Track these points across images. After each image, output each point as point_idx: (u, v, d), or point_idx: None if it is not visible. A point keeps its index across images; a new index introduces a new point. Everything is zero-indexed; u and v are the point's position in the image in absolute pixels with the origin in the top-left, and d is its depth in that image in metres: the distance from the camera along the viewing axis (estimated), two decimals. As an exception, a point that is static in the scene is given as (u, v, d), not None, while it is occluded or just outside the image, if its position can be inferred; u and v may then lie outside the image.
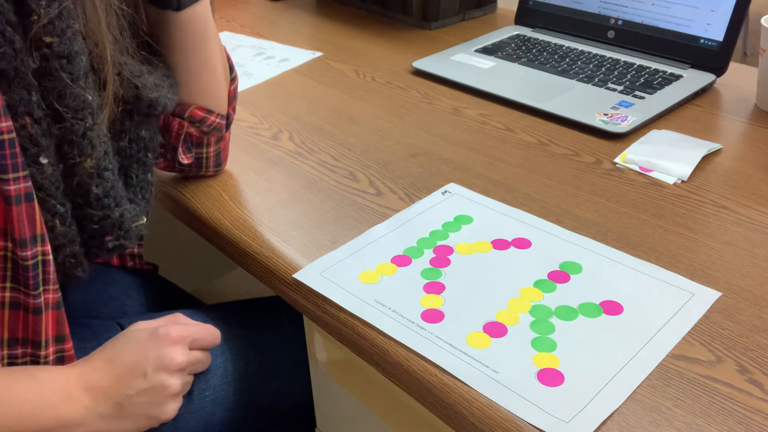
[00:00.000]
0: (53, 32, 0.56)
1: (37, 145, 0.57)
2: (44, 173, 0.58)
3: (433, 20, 1.26)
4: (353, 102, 1.00)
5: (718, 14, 0.98)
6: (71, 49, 0.57)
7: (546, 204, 0.75)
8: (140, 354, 0.63)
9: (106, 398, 0.61)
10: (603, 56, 1.07)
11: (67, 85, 0.57)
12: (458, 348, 0.57)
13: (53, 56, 0.56)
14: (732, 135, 0.88)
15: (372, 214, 0.75)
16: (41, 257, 0.58)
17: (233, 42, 1.25)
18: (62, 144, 0.59)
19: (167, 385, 0.64)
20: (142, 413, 0.63)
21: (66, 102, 0.58)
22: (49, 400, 0.59)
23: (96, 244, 0.66)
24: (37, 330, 0.60)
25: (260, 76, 1.10)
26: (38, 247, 0.57)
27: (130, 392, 0.62)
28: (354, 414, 0.75)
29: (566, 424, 0.50)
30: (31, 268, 0.57)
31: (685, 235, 0.69)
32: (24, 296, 0.58)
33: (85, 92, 0.59)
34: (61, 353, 0.63)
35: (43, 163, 0.57)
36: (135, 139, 0.68)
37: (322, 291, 0.64)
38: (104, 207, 0.64)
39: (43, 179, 0.58)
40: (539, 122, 0.93)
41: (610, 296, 0.61)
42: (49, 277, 0.59)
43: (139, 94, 0.65)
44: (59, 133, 0.58)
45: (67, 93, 0.57)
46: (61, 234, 0.61)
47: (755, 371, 0.54)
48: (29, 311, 0.59)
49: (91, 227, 0.64)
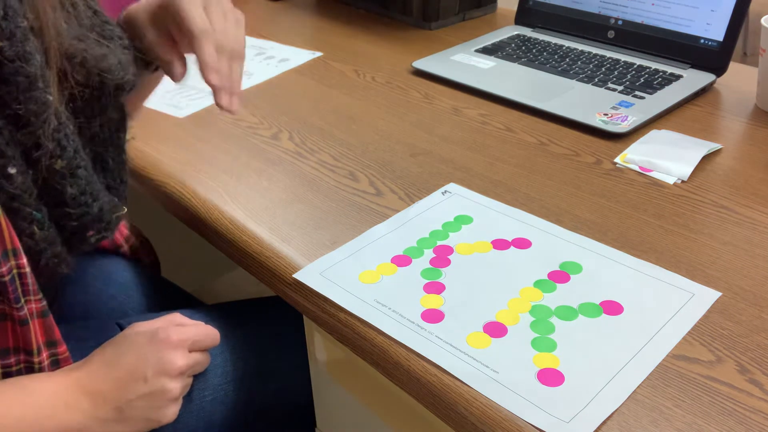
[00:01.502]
0: (2, 36, 0.52)
1: (3, 156, 0.54)
2: (14, 183, 0.55)
3: (433, 20, 1.26)
4: (353, 102, 1.00)
5: (718, 14, 0.98)
6: (24, 49, 0.53)
7: (546, 204, 0.75)
8: (140, 358, 0.63)
9: (106, 402, 0.61)
10: (603, 56, 1.07)
11: (25, 88, 0.54)
12: (458, 348, 0.57)
13: (6, 61, 0.52)
14: (732, 135, 0.88)
15: (372, 214, 0.75)
16: (16, 270, 0.56)
17: (233, 42, 1.25)
18: (29, 150, 0.56)
19: (167, 389, 0.63)
20: (142, 417, 0.63)
21: (27, 106, 0.54)
22: (48, 411, 0.58)
23: (78, 240, 0.64)
24: (27, 339, 0.59)
25: (260, 76, 1.10)
26: (11, 262, 0.55)
27: (130, 396, 0.61)
28: (354, 414, 0.75)
29: (566, 424, 0.50)
30: (9, 283, 0.55)
31: (685, 235, 0.69)
32: (8, 308, 0.57)
33: (45, 93, 0.56)
34: (55, 357, 0.62)
35: (11, 173, 0.55)
36: (106, 123, 0.66)
37: (322, 291, 0.64)
38: (81, 204, 0.62)
39: (15, 189, 0.55)
40: (539, 122, 0.93)
41: (610, 296, 0.61)
42: (28, 288, 0.57)
43: (103, 80, 0.63)
44: (24, 139, 0.55)
45: (26, 97, 0.54)
46: (42, 239, 0.59)
47: (755, 371, 0.54)
48: (15, 322, 0.57)
49: (70, 225, 0.62)
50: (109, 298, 0.90)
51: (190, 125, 0.93)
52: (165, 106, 1.00)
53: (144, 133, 0.93)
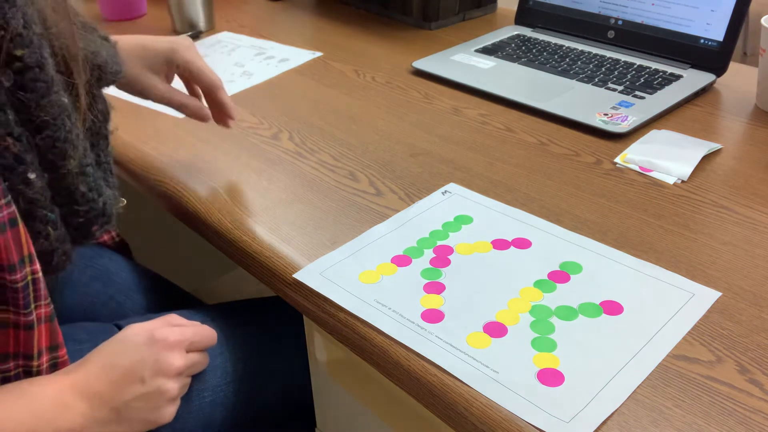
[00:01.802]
0: (23, 44, 0.53)
1: (23, 162, 0.55)
2: (34, 188, 0.56)
3: (433, 20, 1.26)
4: (353, 102, 1.00)
5: (718, 14, 0.98)
6: (42, 55, 0.55)
7: (546, 204, 0.75)
8: (137, 359, 0.63)
9: (103, 404, 0.61)
10: (603, 56, 1.07)
11: (44, 93, 0.55)
12: (458, 348, 0.57)
13: (26, 68, 0.54)
14: (732, 135, 0.88)
15: (372, 214, 0.75)
16: (31, 276, 0.56)
17: (233, 42, 1.25)
18: (46, 153, 0.57)
19: (165, 389, 0.63)
20: (140, 418, 0.63)
21: (45, 111, 0.56)
22: (45, 414, 0.58)
23: (82, 235, 0.64)
24: (28, 344, 0.59)
25: (260, 76, 1.10)
26: (27, 268, 0.56)
27: (128, 398, 0.61)
28: (354, 414, 0.75)
29: (566, 424, 0.50)
30: (21, 289, 0.55)
31: (685, 235, 0.69)
32: (14, 315, 0.56)
33: (60, 96, 0.57)
34: (55, 360, 0.62)
35: (31, 178, 0.56)
36: (96, 114, 0.67)
37: (322, 291, 0.64)
38: (89, 201, 0.63)
39: (34, 194, 0.56)
40: (539, 122, 0.93)
41: (610, 296, 0.61)
42: (40, 294, 0.58)
43: (101, 76, 0.64)
44: (42, 144, 0.57)
45: (46, 102, 0.56)
46: (56, 238, 0.60)
47: (755, 371, 0.54)
48: (20, 328, 0.57)
49: (77, 221, 0.63)
50: (108, 299, 0.90)
51: (190, 125, 0.93)
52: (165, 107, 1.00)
53: (144, 133, 0.93)
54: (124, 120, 0.90)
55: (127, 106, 0.97)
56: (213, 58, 1.18)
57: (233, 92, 1.05)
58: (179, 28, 1.30)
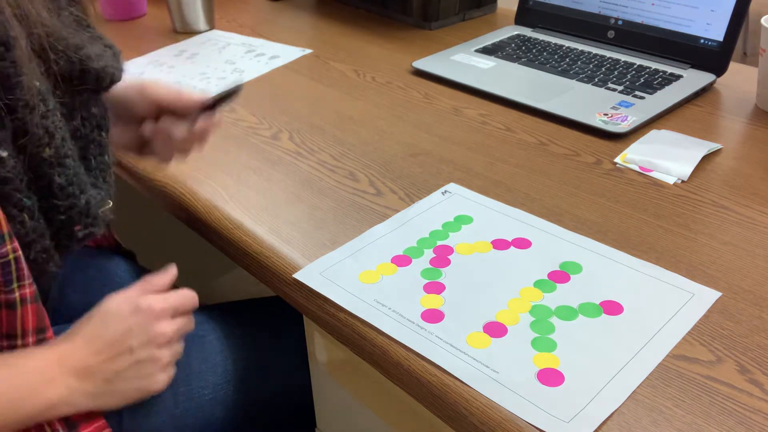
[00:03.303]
0: None
1: None
2: (6, 166, 0.56)
3: (433, 20, 1.26)
4: (353, 102, 1.00)
5: (718, 14, 0.98)
6: (7, 35, 0.54)
7: (546, 204, 0.75)
8: (124, 330, 0.63)
9: (92, 376, 0.61)
10: (603, 56, 1.07)
11: (12, 73, 0.55)
12: (458, 348, 0.57)
13: None
14: (732, 135, 0.88)
15: (372, 214, 0.75)
16: (12, 255, 0.57)
17: (223, 40, 1.25)
18: (18, 135, 0.57)
19: (157, 357, 0.64)
20: (132, 387, 0.64)
21: (15, 92, 0.55)
22: (31, 387, 0.59)
23: (65, 235, 0.64)
24: (12, 324, 0.59)
25: (251, 73, 1.11)
26: (8, 246, 0.56)
27: (118, 368, 0.62)
28: (354, 414, 0.75)
29: (566, 424, 0.50)
30: (2, 266, 0.56)
31: (685, 235, 0.69)
32: None
33: (31, 79, 0.56)
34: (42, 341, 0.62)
35: (2, 156, 0.55)
36: (87, 118, 0.66)
37: (322, 291, 0.64)
38: (69, 196, 0.62)
39: (6, 172, 0.56)
40: (539, 122, 0.93)
41: (610, 296, 0.61)
42: (23, 273, 0.58)
43: (84, 68, 0.63)
44: (13, 125, 0.56)
45: (14, 82, 0.55)
46: (32, 229, 0.60)
47: (755, 371, 0.54)
48: (2, 306, 0.58)
49: (58, 218, 0.62)
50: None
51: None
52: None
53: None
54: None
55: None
56: (204, 56, 1.18)
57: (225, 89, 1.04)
58: (179, 28, 1.29)
